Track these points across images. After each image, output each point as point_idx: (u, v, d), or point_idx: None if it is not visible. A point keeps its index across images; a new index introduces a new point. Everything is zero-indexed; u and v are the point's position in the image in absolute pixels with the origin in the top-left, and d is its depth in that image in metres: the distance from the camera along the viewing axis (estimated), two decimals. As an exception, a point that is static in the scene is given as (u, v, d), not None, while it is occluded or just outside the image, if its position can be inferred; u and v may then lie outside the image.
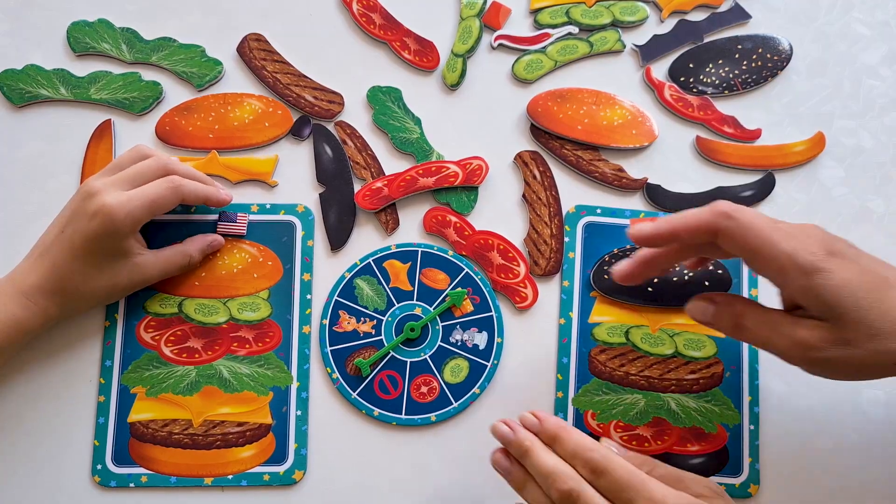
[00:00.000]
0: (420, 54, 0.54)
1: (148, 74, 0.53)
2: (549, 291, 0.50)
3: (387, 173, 0.52)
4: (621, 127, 0.53)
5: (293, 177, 0.52)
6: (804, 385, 0.50)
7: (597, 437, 0.47)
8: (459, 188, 0.52)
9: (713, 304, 0.42)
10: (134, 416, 0.47)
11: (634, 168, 0.53)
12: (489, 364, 0.49)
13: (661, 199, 0.52)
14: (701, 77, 0.54)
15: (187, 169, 0.48)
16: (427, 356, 0.49)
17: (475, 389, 0.48)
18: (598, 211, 0.51)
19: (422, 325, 0.49)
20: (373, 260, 0.50)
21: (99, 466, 0.47)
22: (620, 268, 0.44)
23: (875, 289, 0.36)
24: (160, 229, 0.50)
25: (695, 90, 0.54)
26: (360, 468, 0.47)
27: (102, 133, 0.52)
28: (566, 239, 0.51)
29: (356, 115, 0.53)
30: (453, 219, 0.51)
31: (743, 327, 0.40)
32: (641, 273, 0.44)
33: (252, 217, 0.50)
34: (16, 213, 0.50)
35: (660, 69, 0.55)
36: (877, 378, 0.38)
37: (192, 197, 0.47)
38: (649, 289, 0.50)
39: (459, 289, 0.50)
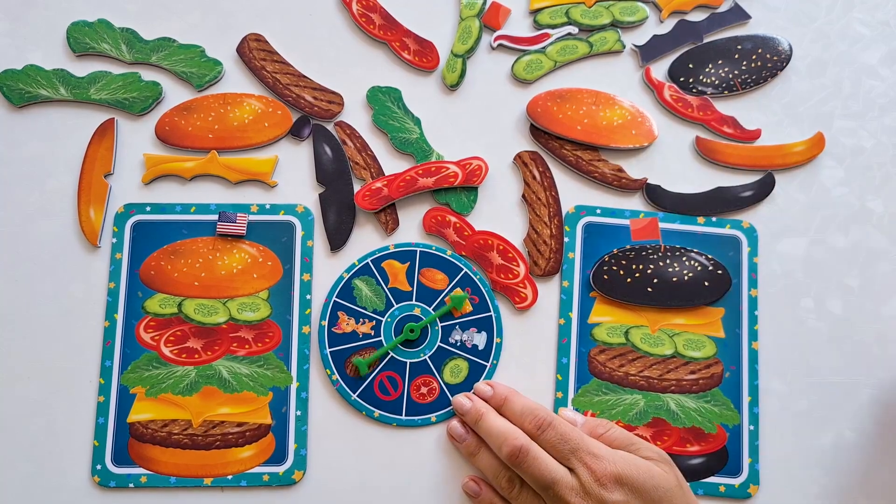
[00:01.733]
0: (420, 54, 0.54)
1: (148, 74, 0.53)
2: (548, 292, 0.50)
3: (386, 173, 0.52)
4: (621, 127, 0.53)
5: (293, 177, 0.52)
6: (804, 385, 0.50)
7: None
8: (459, 188, 0.52)
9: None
10: (133, 417, 0.47)
11: (634, 168, 0.53)
12: (489, 364, 0.49)
13: (660, 199, 0.52)
14: (700, 77, 0.54)
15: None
16: (426, 357, 0.49)
17: (475, 390, 0.48)
18: (598, 211, 0.51)
19: (421, 326, 0.49)
20: (371, 260, 0.50)
21: (98, 467, 0.47)
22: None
23: None
24: (159, 229, 0.50)
25: (694, 90, 0.54)
26: (359, 469, 0.48)
27: (105, 132, 0.52)
28: (566, 239, 0.51)
29: (356, 115, 0.53)
30: (453, 219, 0.51)
31: None
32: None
33: (252, 217, 0.50)
34: (16, 213, 0.50)
35: (659, 69, 0.55)
36: None
37: None
38: (649, 289, 0.50)
39: (460, 292, 0.50)
